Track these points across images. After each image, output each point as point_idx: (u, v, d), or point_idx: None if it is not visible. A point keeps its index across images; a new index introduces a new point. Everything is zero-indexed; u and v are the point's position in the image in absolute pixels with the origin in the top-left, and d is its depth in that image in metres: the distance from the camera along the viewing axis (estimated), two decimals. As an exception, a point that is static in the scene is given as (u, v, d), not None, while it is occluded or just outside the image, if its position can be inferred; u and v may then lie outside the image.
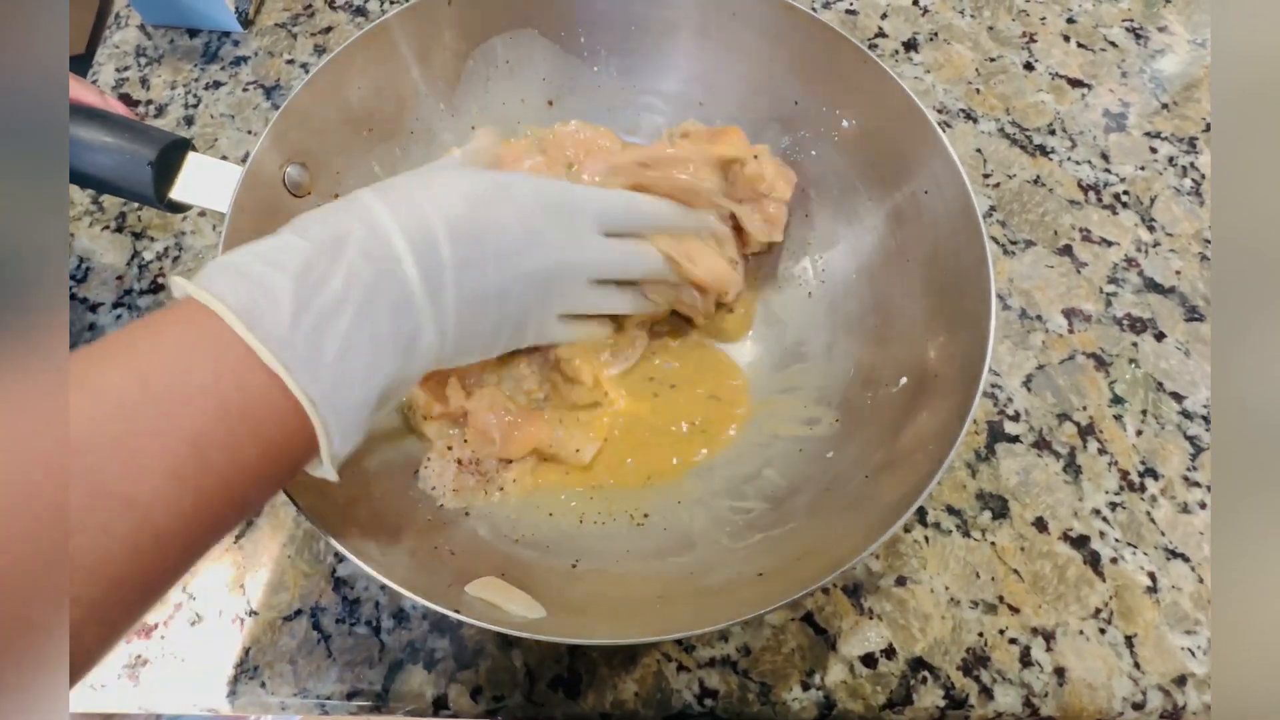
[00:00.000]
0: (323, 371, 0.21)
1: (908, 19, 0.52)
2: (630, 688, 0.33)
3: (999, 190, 0.45)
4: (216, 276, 0.21)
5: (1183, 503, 0.37)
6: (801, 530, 0.30)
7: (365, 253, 0.22)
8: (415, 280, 0.23)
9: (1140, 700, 0.33)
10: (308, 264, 0.21)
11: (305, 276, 0.21)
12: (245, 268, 0.21)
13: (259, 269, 0.21)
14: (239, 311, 0.20)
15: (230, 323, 0.20)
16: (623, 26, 0.40)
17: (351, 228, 0.23)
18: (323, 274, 0.21)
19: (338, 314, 0.21)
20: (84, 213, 0.45)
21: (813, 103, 0.38)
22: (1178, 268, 0.43)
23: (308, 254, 0.22)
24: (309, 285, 0.21)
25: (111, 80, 0.49)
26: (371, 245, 0.23)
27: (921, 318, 0.33)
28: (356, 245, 0.22)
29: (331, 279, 0.21)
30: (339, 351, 0.21)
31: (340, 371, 0.21)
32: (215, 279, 0.21)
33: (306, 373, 0.20)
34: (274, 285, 0.21)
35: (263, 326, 0.20)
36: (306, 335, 0.20)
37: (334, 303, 0.21)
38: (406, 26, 0.37)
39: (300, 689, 0.33)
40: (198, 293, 0.20)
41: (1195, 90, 0.49)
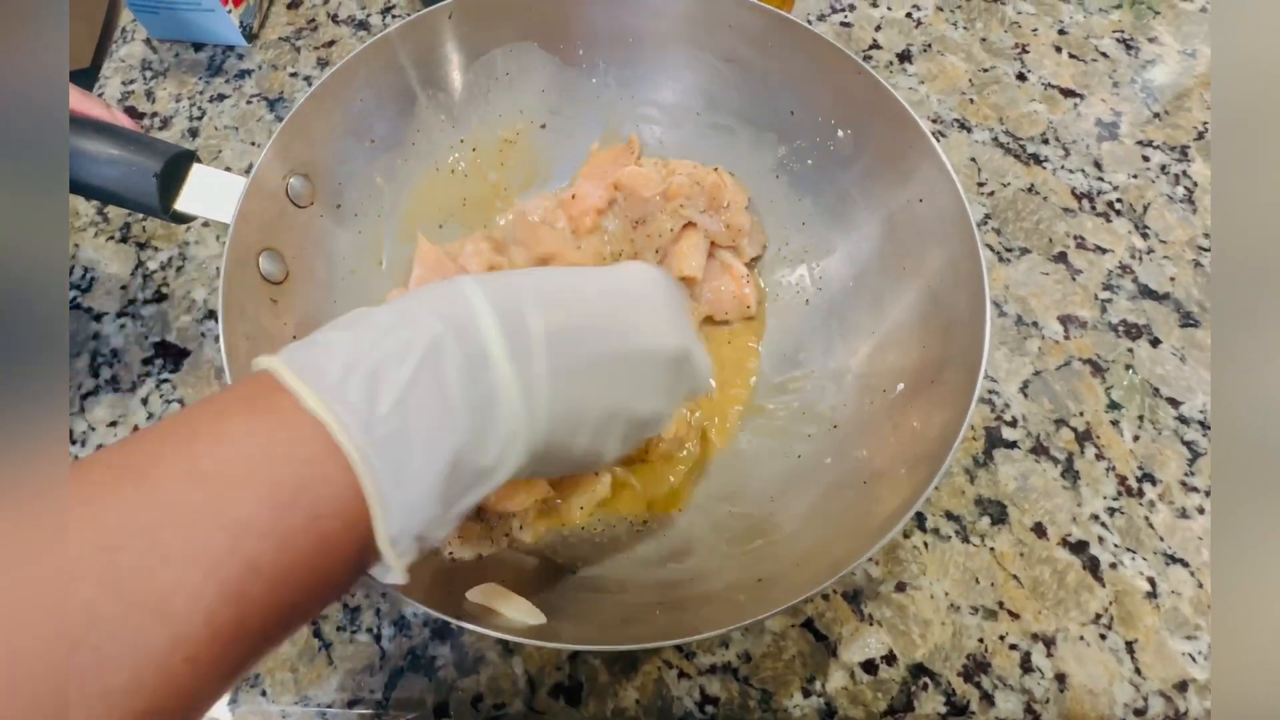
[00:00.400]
0: (376, 422, 0.18)
1: (902, 31, 0.53)
2: (631, 695, 0.33)
3: (994, 198, 0.46)
4: (291, 348, 0.19)
5: (1181, 508, 0.37)
6: (800, 536, 0.30)
7: (436, 310, 0.20)
8: (494, 336, 0.20)
9: (1142, 706, 0.33)
10: (373, 323, 0.20)
11: (367, 331, 0.19)
12: (316, 336, 0.20)
13: (326, 334, 0.20)
14: (292, 367, 0.18)
15: (280, 376, 0.18)
16: (621, 38, 0.40)
17: (429, 293, 0.21)
18: (386, 328, 0.20)
19: (398, 363, 0.19)
20: (89, 223, 0.45)
21: (808, 113, 0.38)
22: (1172, 274, 0.44)
23: (376, 315, 0.20)
24: (369, 338, 0.19)
25: (117, 93, 0.50)
26: (444, 304, 0.20)
27: (918, 324, 0.33)
28: (429, 305, 0.20)
29: (395, 332, 0.19)
30: (395, 401, 0.18)
31: (397, 425, 0.18)
32: (288, 350, 0.19)
33: (356, 421, 0.18)
34: (332, 341, 0.19)
35: (312, 377, 0.18)
36: (359, 383, 0.18)
37: (394, 353, 0.19)
38: (408, 40, 0.37)
39: (301, 697, 0.33)
40: (260, 360, 0.19)
41: (1186, 99, 0.50)
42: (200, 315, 0.42)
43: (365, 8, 0.53)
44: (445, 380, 0.19)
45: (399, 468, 0.18)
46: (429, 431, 0.19)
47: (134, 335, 0.42)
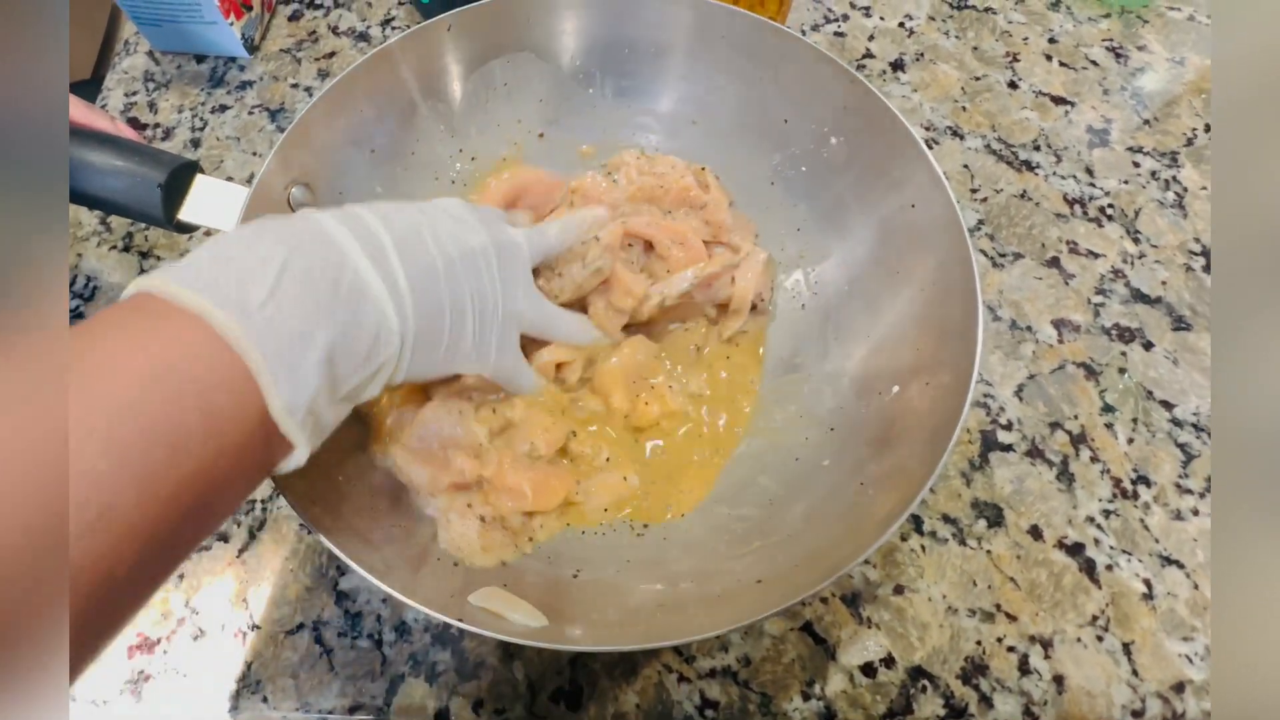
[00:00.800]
0: (250, 311, 0.20)
1: (894, 40, 0.53)
2: (631, 699, 0.33)
3: (987, 205, 0.47)
4: (158, 270, 0.21)
5: (1176, 509, 0.38)
6: (798, 538, 0.31)
7: (290, 226, 0.23)
8: (348, 240, 0.23)
9: (1140, 708, 0.33)
10: (231, 239, 0.22)
11: (227, 246, 0.21)
12: (178, 261, 0.21)
13: (187, 258, 0.21)
14: (164, 278, 0.20)
15: (153, 288, 0.19)
16: (617, 49, 0.41)
17: (277, 219, 0.23)
18: (245, 242, 0.22)
19: (265, 262, 0.21)
20: (91, 233, 0.46)
21: (802, 121, 0.39)
22: (1164, 278, 0.44)
23: (232, 235, 0.22)
24: (230, 251, 0.21)
25: (120, 104, 0.50)
26: (296, 221, 0.23)
27: (912, 328, 0.34)
28: (281, 223, 0.23)
29: (255, 245, 0.22)
30: (269, 289, 0.20)
31: (272, 310, 0.20)
32: (156, 270, 0.21)
33: (232, 312, 0.19)
34: (197, 258, 0.21)
35: (182, 283, 0.20)
36: (228, 283, 0.20)
37: (260, 257, 0.21)
38: (408, 52, 0.38)
39: (302, 703, 0.33)
40: (134, 283, 0.20)
41: (1175, 106, 0.51)
42: (202, 324, 0.43)
43: (365, 20, 0.54)
44: (312, 276, 0.22)
45: (280, 345, 0.20)
46: (303, 317, 0.21)
47: (136, 344, 0.42)
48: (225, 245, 0.22)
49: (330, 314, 0.22)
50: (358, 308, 0.23)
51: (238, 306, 0.20)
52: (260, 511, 0.37)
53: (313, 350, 0.21)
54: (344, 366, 0.22)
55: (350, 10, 0.55)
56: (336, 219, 0.24)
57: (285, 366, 0.20)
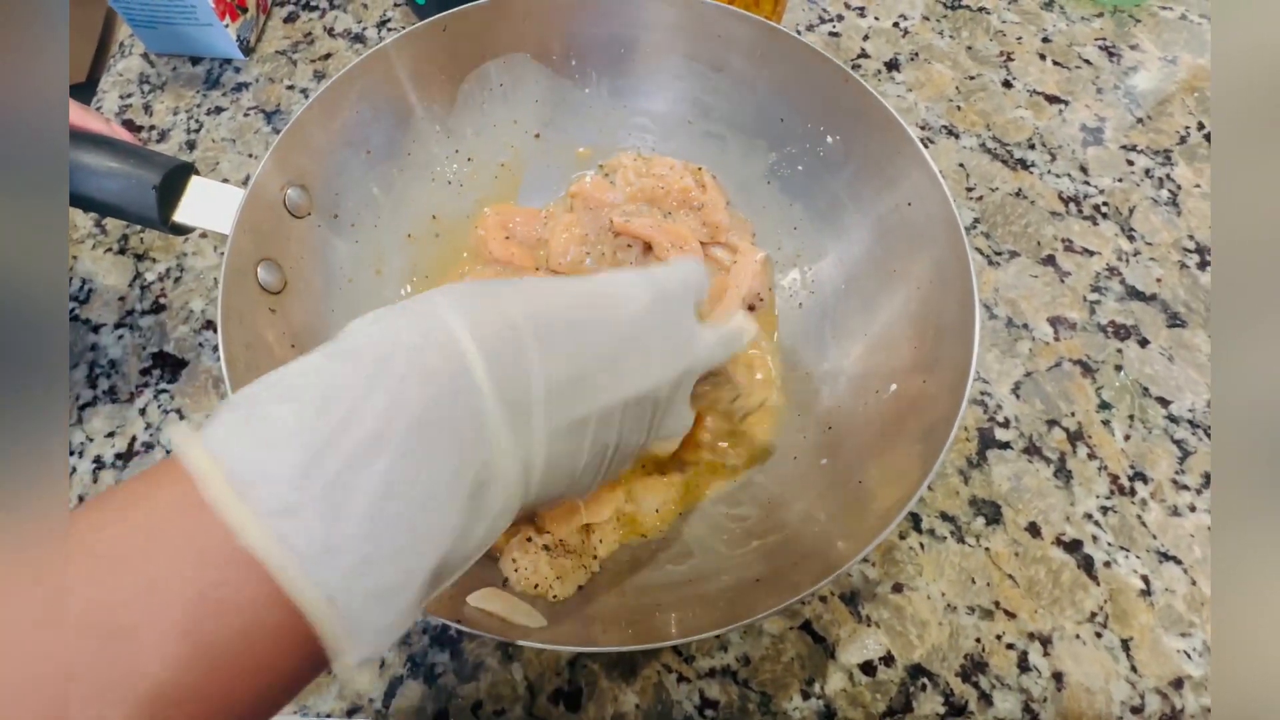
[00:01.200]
0: (338, 549, 0.14)
1: (889, 40, 0.53)
2: (631, 700, 0.33)
3: (982, 203, 0.47)
4: (221, 422, 0.15)
5: (1173, 505, 0.38)
6: (797, 537, 0.31)
7: (416, 365, 0.16)
8: (489, 396, 0.16)
9: (1139, 704, 0.33)
10: (331, 391, 0.15)
11: (325, 411, 0.15)
12: (252, 402, 0.15)
13: (265, 404, 0.15)
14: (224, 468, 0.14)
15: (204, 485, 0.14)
16: (613, 49, 0.41)
17: (402, 333, 0.16)
18: (352, 404, 0.15)
19: (370, 458, 0.15)
20: (86, 235, 0.45)
21: (798, 120, 0.39)
22: (1158, 275, 0.44)
23: (335, 377, 0.16)
24: (328, 424, 0.15)
25: (115, 107, 0.50)
26: (427, 354, 0.16)
27: (909, 326, 0.34)
28: (405, 357, 0.16)
29: (363, 410, 0.15)
30: (366, 512, 0.14)
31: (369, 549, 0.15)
32: (217, 424, 0.15)
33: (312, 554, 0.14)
34: (275, 418, 0.15)
35: (255, 491, 0.14)
36: (319, 493, 0.14)
37: (365, 442, 0.15)
38: (403, 53, 0.38)
39: (300, 707, 0.33)
40: (177, 439, 0.15)
41: (1168, 105, 0.51)
42: (198, 326, 0.42)
43: (361, 21, 0.54)
44: (433, 467, 0.15)
45: (369, 599, 0.15)
46: (411, 542, 0.15)
47: (132, 346, 0.42)
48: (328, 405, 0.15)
49: (443, 522, 0.16)
50: (478, 501, 0.16)
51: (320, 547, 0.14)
52: (257, 514, 0.37)
53: (411, 587, 0.15)
54: (442, 577, 0.17)
55: (346, 12, 0.55)
56: (476, 340, 0.17)
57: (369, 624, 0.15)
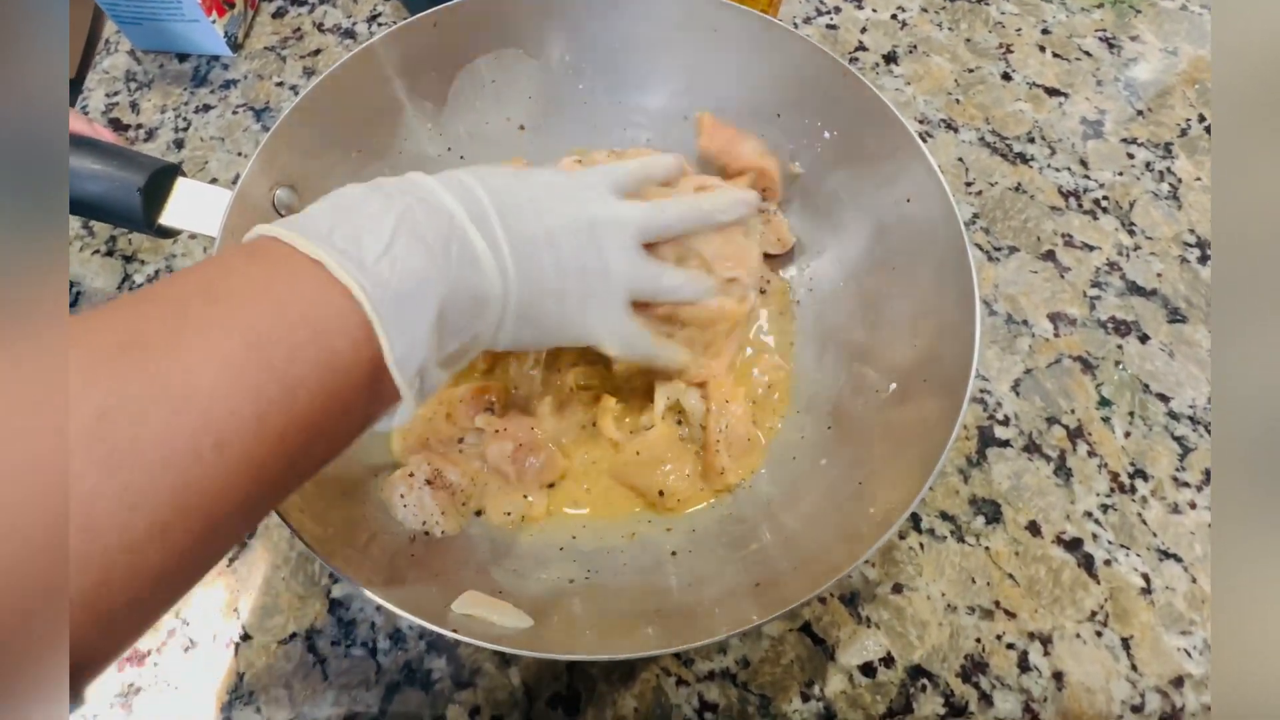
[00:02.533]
0: (367, 264, 0.20)
1: (887, 33, 0.53)
2: (630, 704, 0.32)
3: (981, 198, 0.46)
4: (278, 222, 0.22)
5: (1173, 503, 0.37)
6: (797, 539, 0.30)
7: (399, 187, 0.23)
8: (455, 206, 0.23)
9: (1139, 703, 0.33)
10: (345, 194, 0.23)
11: (342, 200, 0.22)
12: (295, 216, 0.22)
13: (305, 212, 0.22)
14: (285, 228, 0.21)
15: (276, 234, 0.20)
16: (606, 44, 0.40)
17: (385, 180, 0.24)
18: (359, 198, 0.22)
19: (379, 218, 0.21)
20: (74, 237, 0.45)
21: (795, 115, 0.39)
22: (1159, 270, 0.44)
23: (346, 192, 0.23)
24: (346, 204, 0.22)
25: (101, 105, 0.49)
26: (404, 184, 0.24)
27: (908, 324, 0.34)
28: (391, 184, 0.23)
29: (368, 201, 0.22)
30: (383, 247, 0.21)
31: (387, 266, 0.21)
32: (277, 222, 0.22)
33: (351, 263, 0.20)
34: (314, 212, 0.22)
35: (303, 232, 0.20)
36: (346, 235, 0.21)
37: (373, 214, 0.22)
38: (393, 49, 0.37)
39: (296, 713, 0.32)
40: (255, 229, 0.21)
41: (1169, 97, 0.50)
42: (188, 329, 0.42)
43: (351, 16, 0.53)
44: (424, 237, 0.22)
45: (397, 299, 0.20)
46: (417, 274, 0.21)
47: (121, 350, 0.41)
48: (341, 199, 0.23)
49: (443, 273, 0.22)
50: (466, 270, 0.23)
51: (355, 260, 0.20)
52: (250, 519, 0.37)
53: (427, 307, 0.21)
54: (452, 326, 0.23)
55: (335, 6, 0.54)
56: (443, 184, 0.24)
57: (400, 321, 0.21)
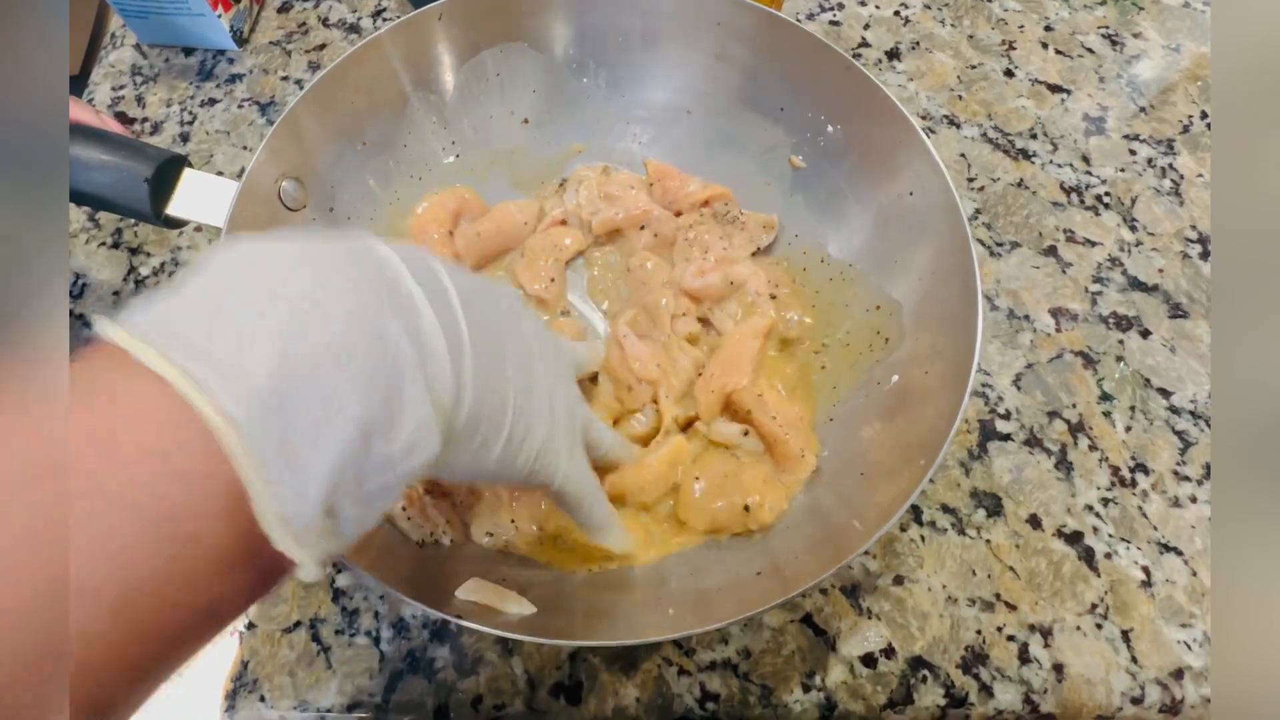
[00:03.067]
0: (252, 379, 0.14)
1: (890, 29, 0.53)
2: (631, 693, 0.33)
3: (983, 193, 0.46)
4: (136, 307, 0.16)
5: (1174, 497, 0.38)
6: (798, 529, 0.31)
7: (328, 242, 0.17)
8: (402, 270, 0.17)
9: (1139, 695, 0.33)
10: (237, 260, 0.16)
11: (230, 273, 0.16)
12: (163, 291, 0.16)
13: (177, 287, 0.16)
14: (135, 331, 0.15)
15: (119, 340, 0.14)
16: (610, 38, 0.41)
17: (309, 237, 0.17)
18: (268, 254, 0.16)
19: (284, 299, 0.15)
20: (80, 229, 0.45)
21: (798, 109, 0.39)
22: (1160, 266, 0.44)
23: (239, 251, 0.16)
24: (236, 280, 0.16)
25: (107, 99, 0.50)
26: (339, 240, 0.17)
27: (911, 316, 0.34)
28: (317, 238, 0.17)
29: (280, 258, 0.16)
30: (279, 354, 0.15)
31: (282, 384, 0.14)
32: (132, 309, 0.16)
33: (223, 379, 0.14)
34: (187, 290, 0.15)
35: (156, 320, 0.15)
36: (225, 334, 0.15)
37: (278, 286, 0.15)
38: (398, 42, 0.37)
39: (300, 701, 0.33)
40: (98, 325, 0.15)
41: (1171, 94, 0.50)
42: (193, 320, 0.42)
43: (356, 11, 0.53)
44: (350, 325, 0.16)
45: (288, 430, 0.15)
46: (328, 393, 0.15)
47: (126, 341, 0.41)
48: (229, 266, 0.16)
49: (368, 379, 0.16)
50: (406, 368, 0.16)
51: (234, 376, 0.14)
52: (255, 509, 0.37)
53: (334, 434, 0.15)
54: (377, 455, 0.16)
55: (340, 1, 0.54)
56: (395, 250, 0.18)
57: (289, 461, 0.15)
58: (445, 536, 0.32)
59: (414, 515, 0.31)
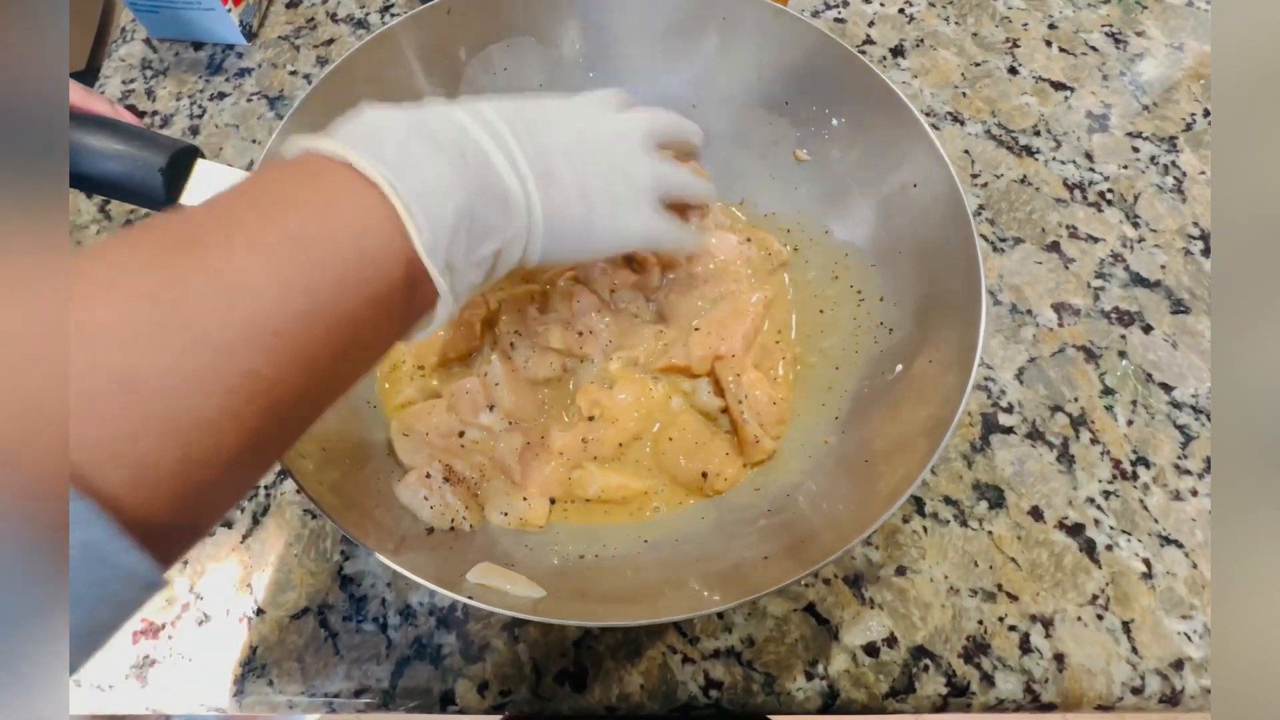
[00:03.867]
0: (389, 161, 0.21)
1: (894, 26, 0.53)
2: (636, 680, 0.33)
3: (987, 190, 0.47)
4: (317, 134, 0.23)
5: (1175, 490, 0.38)
6: (802, 516, 0.31)
7: (413, 106, 0.24)
8: (467, 119, 0.24)
9: (1139, 685, 0.33)
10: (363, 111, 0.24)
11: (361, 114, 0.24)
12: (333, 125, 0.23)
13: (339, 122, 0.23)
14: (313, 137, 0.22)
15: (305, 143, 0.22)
16: (617, 32, 0.41)
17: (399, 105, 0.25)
18: (376, 112, 0.23)
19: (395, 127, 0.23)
20: (90, 221, 0.45)
21: (803, 103, 0.39)
22: (1163, 262, 0.44)
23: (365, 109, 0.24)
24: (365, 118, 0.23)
25: (118, 93, 0.50)
26: (419, 104, 0.25)
27: (913, 308, 0.34)
28: (405, 105, 0.24)
29: (386, 113, 0.23)
30: (400, 144, 0.22)
31: (410, 161, 0.22)
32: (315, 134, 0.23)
33: (376, 160, 0.21)
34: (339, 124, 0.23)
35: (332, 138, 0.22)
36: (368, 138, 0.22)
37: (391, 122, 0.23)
38: (408, 35, 0.38)
39: (308, 687, 0.33)
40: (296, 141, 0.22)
41: (1174, 92, 0.51)
42: (202, 311, 0.42)
43: (364, 6, 0.54)
44: (440, 142, 0.23)
45: (420, 190, 0.21)
46: (437, 171, 0.22)
47: (136, 331, 0.42)
48: (362, 114, 0.23)
49: (460, 174, 0.23)
50: (485, 175, 0.24)
51: (379, 157, 0.21)
52: (264, 497, 0.37)
53: (449, 200, 0.22)
54: (479, 225, 0.23)
55: (348, -3, 0.54)
56: (455, 104, 0.25)
57: (425, 210, 0.21)
58: (465, 522, 0.32)
59: (435, 504, 0.32)
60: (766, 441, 0.35)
